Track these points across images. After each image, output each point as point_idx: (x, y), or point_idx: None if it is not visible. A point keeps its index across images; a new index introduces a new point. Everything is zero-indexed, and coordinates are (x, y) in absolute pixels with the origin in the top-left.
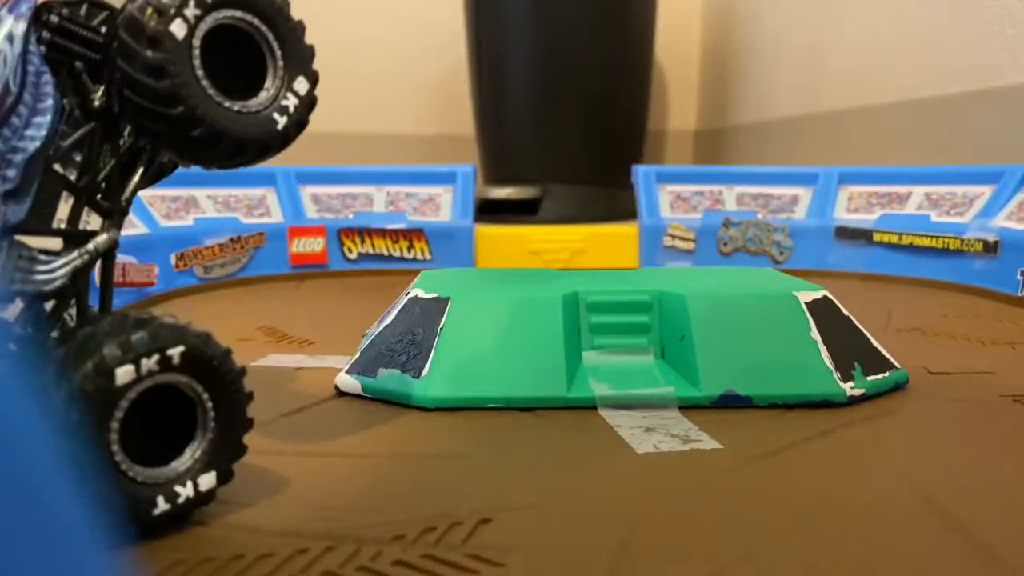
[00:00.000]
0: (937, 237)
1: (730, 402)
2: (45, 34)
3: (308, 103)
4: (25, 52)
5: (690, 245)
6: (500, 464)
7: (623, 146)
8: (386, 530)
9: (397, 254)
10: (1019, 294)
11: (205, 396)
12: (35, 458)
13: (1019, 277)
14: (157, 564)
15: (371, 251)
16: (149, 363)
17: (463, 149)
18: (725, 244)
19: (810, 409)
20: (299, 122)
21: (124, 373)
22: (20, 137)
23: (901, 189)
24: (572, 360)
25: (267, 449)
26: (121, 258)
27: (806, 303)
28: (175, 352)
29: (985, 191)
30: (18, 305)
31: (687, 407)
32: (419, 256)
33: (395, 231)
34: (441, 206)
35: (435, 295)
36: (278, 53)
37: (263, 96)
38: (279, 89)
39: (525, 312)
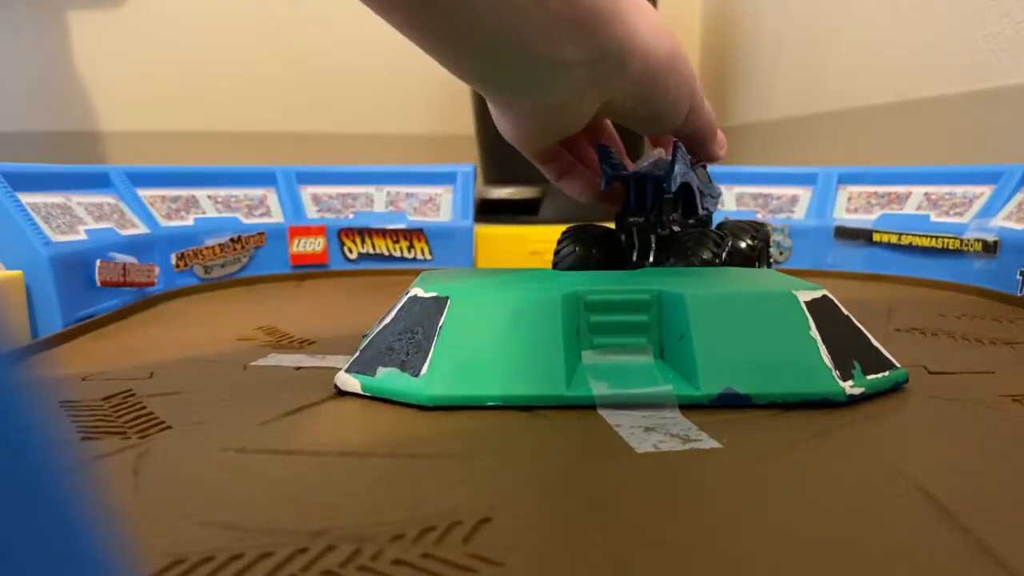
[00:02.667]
0: (937, 237)
1: (729, 400)
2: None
3: None
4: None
5: None
6: (500, 463)
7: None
8: (386, 530)
9: (397, 254)
10: (1019, 294)
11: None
12: (36, 459)
13: (1019, 277)
14: (157, 564)
15: (371, 251)
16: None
17: (463, 149)
18: None
19: (809, 408)
20: None
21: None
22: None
23: (901, 189)
24: (571, 359)
25: (267, 449)
26: (121, 258)
27: (805, 302)
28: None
29: (984, 191)
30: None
31: (686, 406)
32: (419, 256)
33: (395, 231)
34: (441, 206)
35: (434, 294)
36: None
37: None
38: None
39: (524, 311)
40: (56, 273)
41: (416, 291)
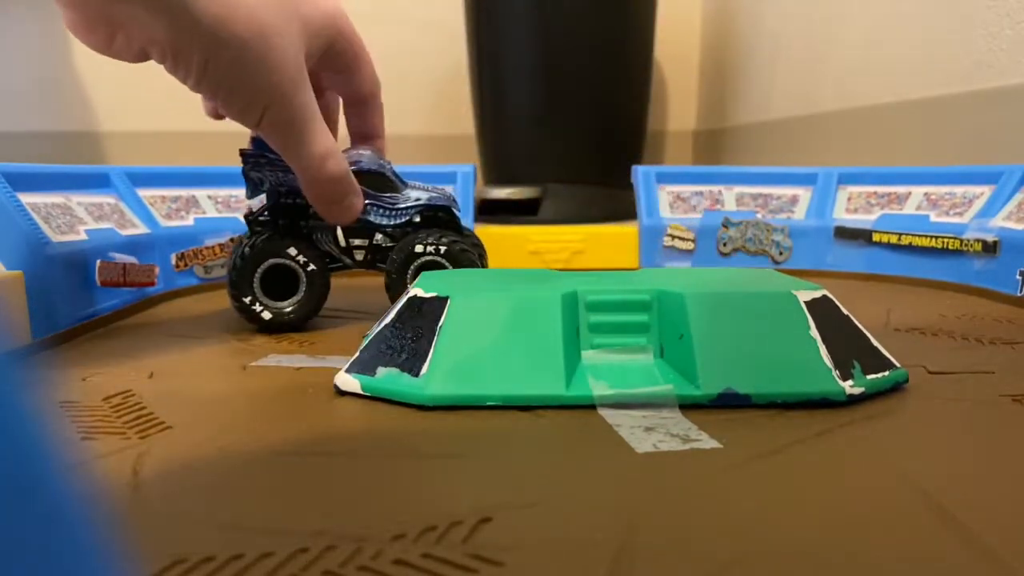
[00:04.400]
0: (936, 237)
1: (729, 400)
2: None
3: None
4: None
5: (690, 245)
6: (500, 463)
7: (623, 146)
8: (386, 529)
9: None
10: (1019, 294)
11: (447, 264)
12: (36, 459)
13: (1018, 277)
14: (157, 564)
15: None
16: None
17: (463, 149)
18: (724, 244)
19: (809, 408)
20: None
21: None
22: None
23: (900, 189)
24: (571, 359)
25: (267, 449)
26: (121, 258)
27: (805, 302)
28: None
29: (984, 191)
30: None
31: (686, 406)
32: None
33: None
34: None
35: (434, 294)
36: None
37: None
38: None
39: (524, 311)
40: (56, 273)
41: (416, 291)
